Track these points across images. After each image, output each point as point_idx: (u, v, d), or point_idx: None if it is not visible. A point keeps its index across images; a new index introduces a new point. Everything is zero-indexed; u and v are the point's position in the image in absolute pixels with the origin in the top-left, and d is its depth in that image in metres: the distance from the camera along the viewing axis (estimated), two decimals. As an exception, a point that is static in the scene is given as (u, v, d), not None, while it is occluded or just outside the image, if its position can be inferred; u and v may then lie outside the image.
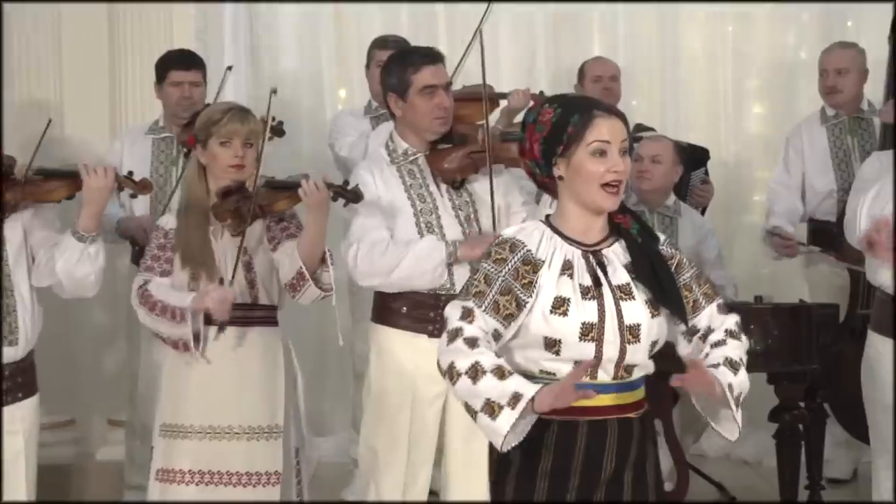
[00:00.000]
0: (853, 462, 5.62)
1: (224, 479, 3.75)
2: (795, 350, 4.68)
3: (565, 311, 2.75)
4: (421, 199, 3.90)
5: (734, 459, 6.05)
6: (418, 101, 3.85)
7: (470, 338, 2.72)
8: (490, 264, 2.79)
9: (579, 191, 2.80)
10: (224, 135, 3.79)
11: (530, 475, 2.79)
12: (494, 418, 2.66)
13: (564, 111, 2.81)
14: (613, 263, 2.84)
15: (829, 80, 5.39)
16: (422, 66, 3.84)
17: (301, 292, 3.75)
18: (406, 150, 3.93)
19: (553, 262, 2.79)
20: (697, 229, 5.14)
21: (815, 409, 5.02)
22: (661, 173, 5.05)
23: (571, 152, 2.79)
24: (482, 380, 2.67)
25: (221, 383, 3.78)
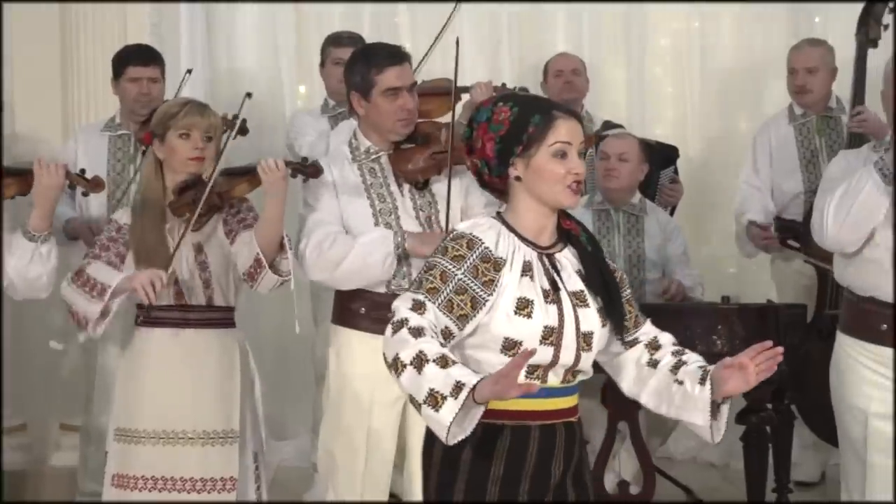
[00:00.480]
0: (821, 464, 5.64)
1: (178, 486, 3.72)
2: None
3: (529, 313, 2.73)
4: (381, 198, 3.87)
5: (701, 462, 6.07)
6: (381, 102, 3.83)
7: (415, 327, 2.64)
8: (447, 261, 2.74)
9: (540, 190, 2.79)
10: (183, 127, 3.76)
11: (481, 481, 2.76)
12: (438, 409, 2.54)
13: (523, 110, 2.79)
14: (567, 269, 2.83)
15: (798, 79, 5.39)
16: (386, 68, 3.82)
17: (259, 280, 3.71)
18: (368, 149, 3.91)
19: (514, 262, 2.77)
20: (663, 228, 5.16)
21: (782, 410, 5.02)
22: (627, 171, 5.06)
23: (531, 153, 2.77)
24: (425, 369, 2.57)
25: (176, 387, 3.74)
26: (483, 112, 2.84)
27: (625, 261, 5.05)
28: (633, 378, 2.93)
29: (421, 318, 2.66)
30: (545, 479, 2.79)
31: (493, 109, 2.82)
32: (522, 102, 2.83)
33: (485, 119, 2.82)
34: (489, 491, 2.75)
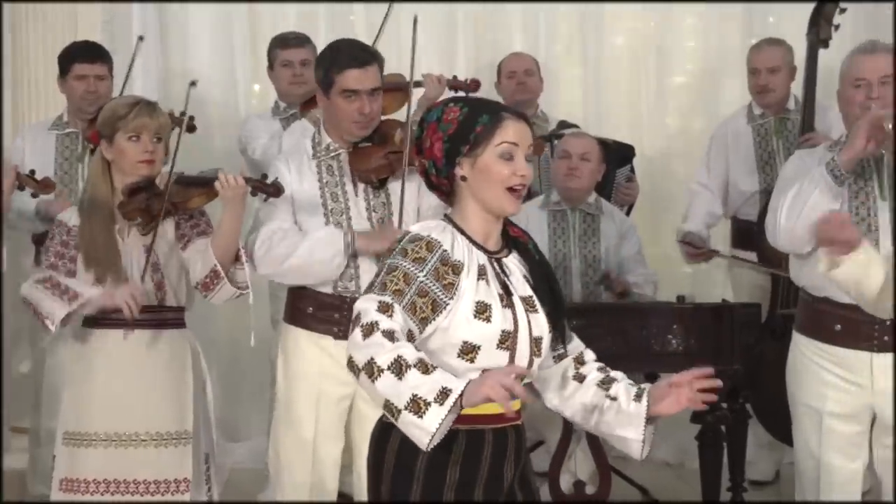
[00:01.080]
0: (775, 463, 5.68)
1: (131, 488, 3.69)
2: (718, 350, 4.71)
3: (489, 317, 2.73)
4: (334, 198, 3.87)
5: (656, 461, 6.07)
6: (338, 102, 3.83)
7: (388, 330, 2.61)
8: (409, 263, 2.72)
9: (483, 193, 2.78)
10: (132, 129, 3.70)
11: (437, 487, 2.75)
12: (421, 416, 2.54)
13: (472, 110, 2.80)
14: (515, 274, 2.84)
15: (761, 78, 5.42)
16: (346, 69, 3.80)
17: (215, 291, 3.70)
18: (329, 146, 3.91)
19: (470, 265, 2.77)
20: (619, 227, 5.18)
21: (737, 410, 5.04)
22: (589, 171, 5.08)
23: (478, 153, 2.77)
24: (407, 374, 2.55)
25: (127, 389, 3.71)
26: (434, 112, 2.84)
27: (580, 261, 5.07)
28: (557, 391, 2.94)
29: (391, 321, 2.63)
30: (499, 482, 2.80)
31: (443, 109, 2.82)
32: (473, 103, 2.84)
33: (435, 119, 2.82)
34: (445, 496, 2.75)
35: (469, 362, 2.73)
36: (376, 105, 3.85)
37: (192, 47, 6.25)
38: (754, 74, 5.45)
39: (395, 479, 2.76)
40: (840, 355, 3.76)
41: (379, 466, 2.79)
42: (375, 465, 2.80)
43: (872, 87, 3.69)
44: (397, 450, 2.74)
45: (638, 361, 4.69)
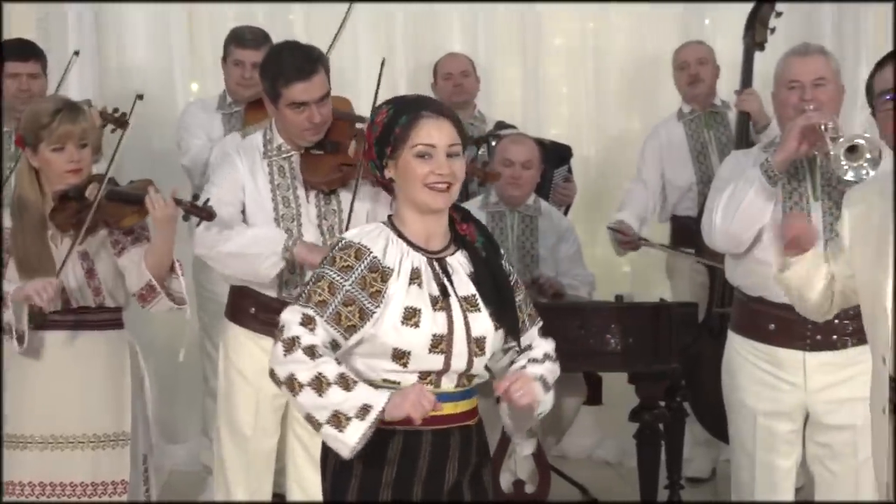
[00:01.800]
0: (712, 461, 5.73)
1: (68, 491, 3.65)
2: (655, 349, 4.74)
3: (417, 323, 2.75)
4: (285, 202, 3.86)
5: (596, 460, 6.14)
6: (287, 113, 3.82)
7: (308, 346, 2.69)
8: (336, 272, 2.75)
9: (408, 192, 2.81)
10: (56, 139, 3.62)
11: (373, 486, 2.78)
12: (342, 430, 2.66)
13: (395, 112, 2.82)
14: (458, 273, 2.85)
15: (691, 69, 5.49)
16: (292, 82, 3.77)
17: (152, 304, 3.69)
18: (280, 146, 3.90)
19: (402, 270, 2.78)
20: (557, 227, 5.20)
21: (675, 408, 5.09)
22: (530, 178, 5.11)
23: (398, 154, 2.80)
24: (328, 391, 2.66)
25: (64, 390, 3.67)
26: (372, 114, 2.90)
27: (518, 261, 5.08)
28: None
29: (312, 336, 2.70)
30: (439, 482, 2.81)
31: (377, 111, 2.87)
32: (399, 103, 2.86)
33: (371, 122, 2.87)
34: (381, 494, 2.77)
35: (402, 367, 2.76)
36: (325, 110, 3.83)
37: (129, 44, 6.18)
38: (683, 68, 5.52)
39: (335, 476, 2.81)
40: (774, 354, 3.80)
41: (324, 462, 2.84)
42: (323, 460, 2.85)
43: (805, 89, 3.73)
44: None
45: (577, 361, 4.71)
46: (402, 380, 2.77)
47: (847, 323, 3.74)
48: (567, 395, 5.23)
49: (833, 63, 3.81)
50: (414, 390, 2.68)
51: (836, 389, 3.77)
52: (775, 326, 3.79)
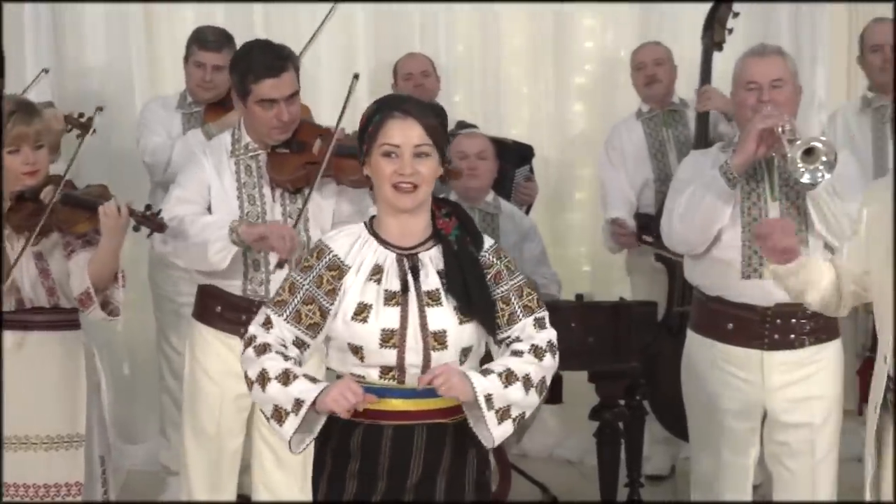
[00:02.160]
0: (671, 458, 5.76)
1: (21, 493, 3.62)
2: (615, 348, 4.76)
3: (365, 318, 2.80)
4: (251, 201, 3.87)
5: (557, 459, 6.14)
6: (256, 110, 3.82)
7: (260, 345, 2.82)
8: (297, 273, 2.86)
9: (378, 190, 2.87)
10: (10, 142, 3.59)
11: (340, 476, 2.86)
12: (281, 424, 2.77)
13: (374, 110, 2.88)
14: (427, 268, 2.87)
15: (648, 70, 5.51)
16: (262, 79, 3.77)
17: (88, 310, 3.66)
18: (248, 145, 3.90)
19: (362, 267, 2.83)
20: (519, 226, 5.20)
21: (634, 406, 5.11)
22: (487, 169, 5.12)
23: (371, 152, 2.85)
24: (268, 386, 2.77)
25: (18, 391, 3.63)
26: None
27: (480, 259, 5.11)
28: None
29: (267, 335, 2.82)
30: (402, 477, 2.84)
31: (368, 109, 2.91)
32: (381, 102, 2.91)
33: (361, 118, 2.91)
34: (347, 485, 2.85)
35: (360, 360, 2.82)
36: (294, 109, 3.83)
37: (88, 45, 6.14)
38: (641, 69, 5.55)
39: (315, 465, 2.93)
40: (732, 353, 3.84)
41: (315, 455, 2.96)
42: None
43: (763, 91, 3.76)
44: (318, 438, 2.88)
45: (536, 360, 4.75)
46: (365, 374, 2.82)
47: (805, 322, 3.80)
48: (528, 395, 5.27)
49: (790, 64, 3.84)
50: (339, 384, 2.76)
51: (793, 388, 3.81)
52: (733, 326, 3.83)
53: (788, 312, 3.77)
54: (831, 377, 3.86)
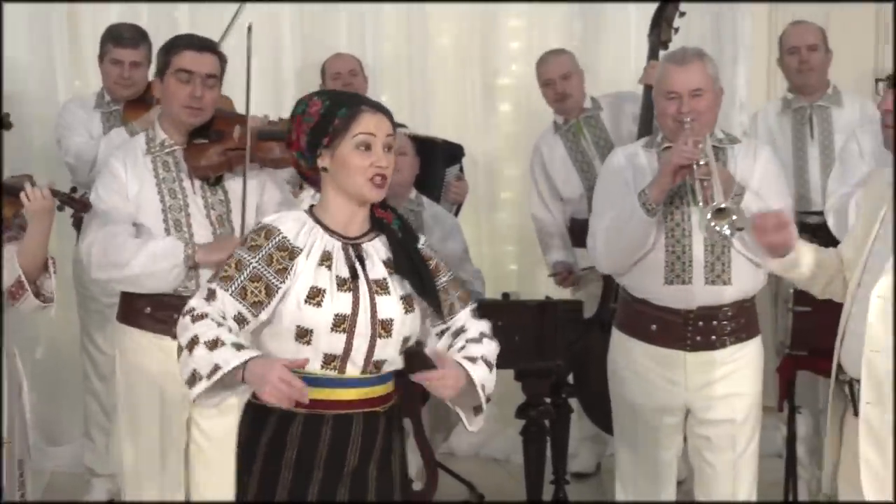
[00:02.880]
0: (597, 456, 5.82)
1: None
2: (541, 346, 4.78)
3: (319, 302, 2.84)
4: (172, 194, 3.84)
5: (483, 457, 6.17)
6: (171, 83, 3.80)
7: (199, 314, 2.81)
8: (244, 251, 2.87)
9: (344, 182, 2.90)
10: None
11: (275, 466, 2.87)
12: (192, 387, 2.77)
13: (332, 103, 2.92)
14: (372, 258, 2.93)
15: (557, 87, 5.50)
16: (183, 50, 3.79)
17: (20, 301, 3.62)
18: (164, 141, 3.88)
19: (312, 251, 2.87)
20: (441, 224, 5.21)
21: (560, 404, 5.15)
22: (408, 164, 5.12)
23: (336, 144, 2.88)
24: (195, 350, 2.77)
25: None
26: (300, 105, 2.96)
27: (405, 259, 5.13)
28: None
29: (207, 306, 2.82)
30: (339, 466, 2.89)
31: (308, 102, 2.94)
32: (334, 96, 2.96)
33: (300, 112, 2.94)
34: (282, 475, 2.87)
35: (306, 345, 2.84)
36: (211, 94, 3.82)
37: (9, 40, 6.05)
38: (549, 86, 5.53)
39: (243, 456, 2.92)
40: (656, 353, 3.88)
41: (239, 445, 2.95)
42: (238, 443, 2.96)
43: (683, 100, 3.76)
44: (248, 427, 2.91)
45: (464, 358, 4.78)
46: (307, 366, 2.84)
47: (725, 324, 3.86)
48: (455, 393, 5.30)
49: (710, 68, 3.83)
50: (276, 370, 2.71)
51: (715, 386, 3.86)
52: (657, 327, 3.88)
53: (710, 315, 3.83)
54: (751, 375, 3.91)
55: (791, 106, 5.37)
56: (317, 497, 2.87)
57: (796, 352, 4.65)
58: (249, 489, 2.89)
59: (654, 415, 3.92)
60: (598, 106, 5.56)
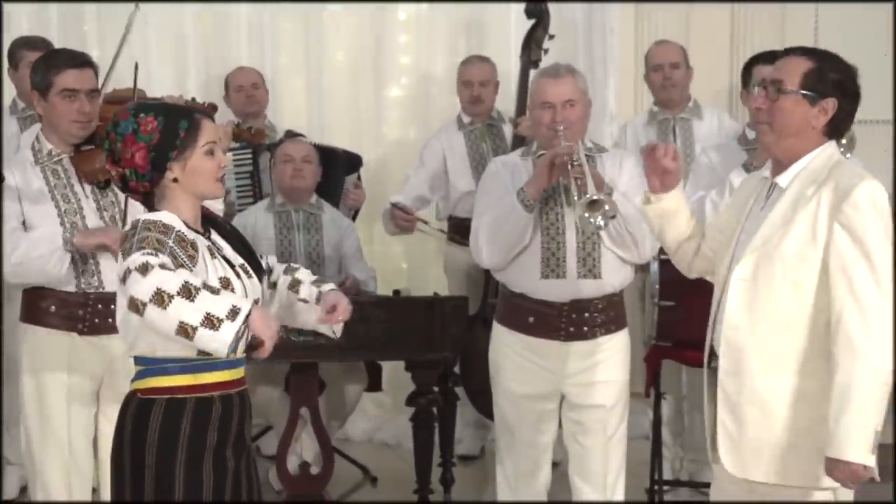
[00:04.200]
0: (481, 440, 5.86)
1: None
2: (429, 339, 4.81)
3: (233, 290, 2.85)
4: (65, 199, 3.79)
5: (376, 442, 6.17)
6: (58, 103, 3.75)
7: (163, 263, 2.65)
8: (156, 233, 2.75)
9: (198, 187, 2.89)
10: None
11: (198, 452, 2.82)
12: (217, 329, 2.60)
13: (169, 119, 2.86)
14: (225, 249, 2.96)
15: (474, 90, 5.57)
16: (64, 69, 3.74)
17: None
18: (50, 151, 3.82)
19: (200, 247, 2.85)
20: (338, 225, 5.26)
21: (447, 393, 5.17)
22: (311, 172, 5.17)
23: (187, 156, 2.86)
24: (199, 296, 2.61)
25: None
26: (125, 124, 2.85)
27: (305, 257, 5.11)
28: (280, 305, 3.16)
29: (162, 258, 2.67)
30: (242, 442, 2.91)
31: (136, 121, 2.84)
32: (165, 111, 2.89)
33: (130, 131, 2.84)
34: (205, 460, 2.82)
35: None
36: (94, 106, 3.79)
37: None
38: (467, 87, 5.60)
39: (160, 450, 2.80)
40: (533, 344, 3.92)
41: (140, 442, 2.80)
42: (135, 440, 2.81)
43: (557, 110, 3.83)
44: (161, 422, 2.80)
45: (358, 351, 4.76)
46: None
47: (596, 315, 3.92)
48: (350, 383, 5.32)
49: (581, 83, 3.91)
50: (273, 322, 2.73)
51: (587, 374, 3.92)
52: (534, 319, 3.92)
53: (582, 307, 3.89)
54: (620, 364, 3.98)
55: (656, 118, 5.48)
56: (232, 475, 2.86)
57: (661, 343, 4.72)
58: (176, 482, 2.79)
59: (531, 401, 3.96)
60: (502, 118, 5.62)
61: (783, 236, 2.97)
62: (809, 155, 3.03)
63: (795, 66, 3.01)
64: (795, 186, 3.01)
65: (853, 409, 2.85)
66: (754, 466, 3.01)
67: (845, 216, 2.90)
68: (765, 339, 2.98)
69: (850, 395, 2.85)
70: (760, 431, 2.99)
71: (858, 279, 2.88)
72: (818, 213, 2.94)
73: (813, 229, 2.94)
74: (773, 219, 3.00)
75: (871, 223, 2.89)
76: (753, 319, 2.99)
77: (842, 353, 2.87)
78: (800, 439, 2.96)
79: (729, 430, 3.03)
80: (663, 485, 4.98)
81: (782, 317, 2.98)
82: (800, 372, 2.97)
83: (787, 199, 3.00)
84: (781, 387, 2.97)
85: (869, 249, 2.88)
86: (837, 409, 2.86)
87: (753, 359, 2.98)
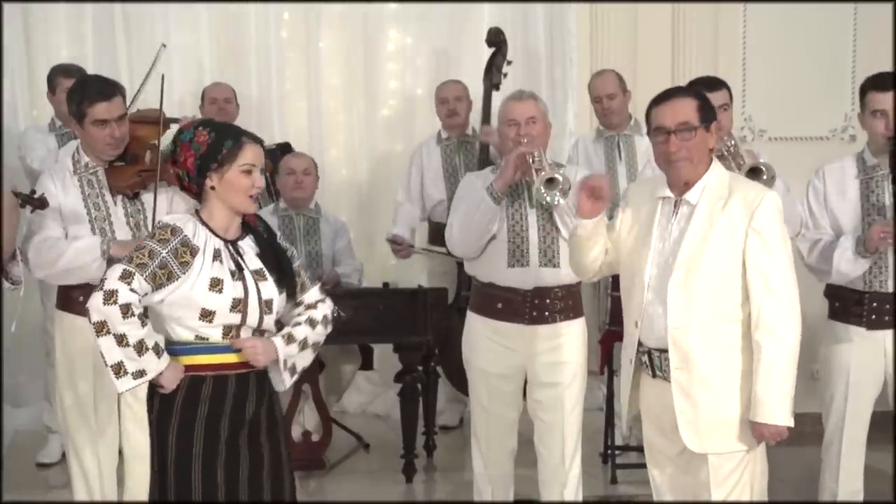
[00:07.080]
0: (459, 413, 5.86)
1: None
2: (413, 325, 4.86)
3: (221, 289, 2.90)
4: (96, 207, 3.81)
5: (369, 414, 6.18)
6: (92, 131, 3.78)
7: (124, 304, 2.79)
8: (155, 242, 2.87)
9: (230, 199, 2.96)
10: None
11: (189, 420, 2.91)
12: (119, 377, 2.84)
13: (218, 136, 2.94)
14: (248, 254, 3.00)
15: (450, 105, 5.59)
16: (96, 102, 3.75)
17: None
18: (87, 164, 3.85)
19: (206, 249, 2.91)
20: (333, 226, 5.29)
21: (430, 371, 5.22)
22: (310, 183, 5.17)
23: (225, 170, 2.93)
24: (124, 349, 2.81)
25: None
26: (186, 133, 2.97)
27: (305, 257, 5.12)
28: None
29: (129, 293, 2.80)
30: (241, 416, 2.95)
31: (194, 132, 2.95)
32: (218, 129, 2.98)
33: (187, 139, 2.95)
34: (196, 428, 2.91)
35: (208, 323, 2.90)
36: (123, 128, 3.81)
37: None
38: (444, 103, 5.61)
39: (160, 415, 2.95)
40: (501, 328, 3.91)
41: (150, 405, 2.97)
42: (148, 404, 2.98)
43: (521, 126, 3.84)
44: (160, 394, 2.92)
45: (353, 335, 4.83)
46: (210, 335, 2.92)
47: (557, 302, 3.90)
48: (345, 363, 5.33)
49: (541, 105, 3.92)
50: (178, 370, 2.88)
51: (548, 355, 3.90)
52: (502, 305, 3.90)
53: (543, 294, 3.88)
54: (577, 346, 3.94)
55: (603, 135, 5.47)
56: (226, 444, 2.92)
57: (614, 327, 4.73)
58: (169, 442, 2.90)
59: (499, 380, 3.95)
60: (476, 136, 5.60)
61: (705, 246, 3.07)
62: (707, 173, 3.13)
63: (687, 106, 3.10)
64: (704, 201, 3.10)
65: (778, 383, 3.00)
66: (710, 440, 3.09)
67: (757, 223, 3.04)
68: (705, 334, 3.07)
69: (773, 372, 3.00)
70: (713, 409, 3.08)
71: (772, 276, 3.03)
72: (731, 222, 3.06)
73: (730, 236, 3.06)
74: (694, 232, 3.09)
75: (777, 227, 3.05)
76: (692, 319, 3.07)
77: (764, 339, 3.02)
78: (743, 411, 3.08)
79: (686, 416, 3.10)
80: (615, 449, 5.00)
81: (716, 314, 3.08)
82: (737, 356, 3.08)
83: (701, 214, 3.09)
84: (724, 371, 3.08)
85: (778, 250, 3.04)
86: (765, 383, 3.00)
87: (697, 351, 3.07)
